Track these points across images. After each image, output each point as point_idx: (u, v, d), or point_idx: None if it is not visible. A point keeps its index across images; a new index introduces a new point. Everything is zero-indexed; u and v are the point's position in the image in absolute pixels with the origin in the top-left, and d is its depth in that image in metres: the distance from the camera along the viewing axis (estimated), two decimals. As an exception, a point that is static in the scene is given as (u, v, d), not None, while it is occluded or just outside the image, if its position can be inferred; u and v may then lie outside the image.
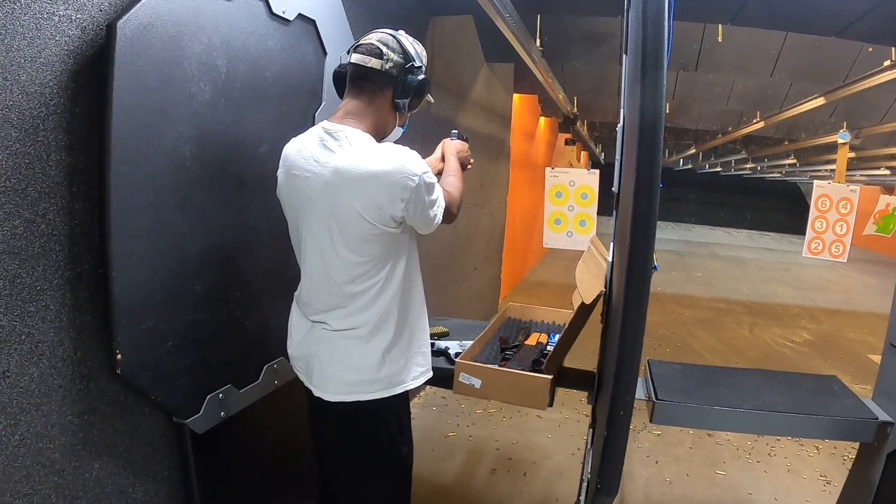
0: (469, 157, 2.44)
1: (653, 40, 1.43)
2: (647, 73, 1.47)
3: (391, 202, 1.81)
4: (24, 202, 1.52)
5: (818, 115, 7.15)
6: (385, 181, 1.80)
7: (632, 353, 1.60)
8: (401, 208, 1.83)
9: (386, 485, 2.10)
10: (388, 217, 1.84)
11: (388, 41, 1.91)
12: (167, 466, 2.10)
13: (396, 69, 1.92)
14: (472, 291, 6.63)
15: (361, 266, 1.90)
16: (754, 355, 7.22)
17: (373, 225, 1.84)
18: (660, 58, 1.44)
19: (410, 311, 2.05)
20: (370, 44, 1.90)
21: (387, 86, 1.93)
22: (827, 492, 3.87)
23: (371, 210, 1.82)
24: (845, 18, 3.94)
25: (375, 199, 1.80)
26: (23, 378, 1.55)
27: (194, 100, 1.92)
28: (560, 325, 3.20)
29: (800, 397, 2.51)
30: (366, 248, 1.88)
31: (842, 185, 7.04)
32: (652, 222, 1.52)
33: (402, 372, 2.02)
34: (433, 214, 1.94)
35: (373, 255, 1.89)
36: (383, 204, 1.81)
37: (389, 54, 1.90)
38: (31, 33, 1.48)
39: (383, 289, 1.94)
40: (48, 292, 1.61)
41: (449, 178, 2.21)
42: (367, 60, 1.89)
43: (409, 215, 1.87)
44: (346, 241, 1.87)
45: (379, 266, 1.92)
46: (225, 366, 2.20)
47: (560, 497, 3.67)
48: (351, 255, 1.89)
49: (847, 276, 14.62)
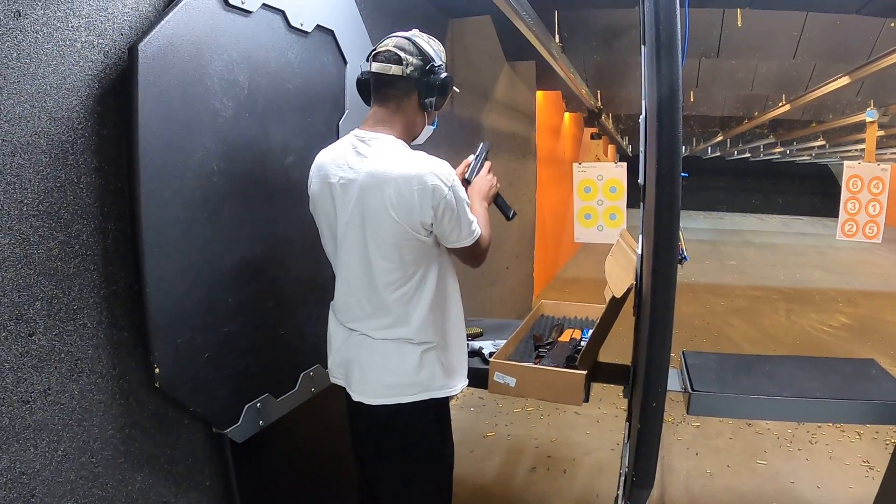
0: (493, 187, 2.32)
1: (666, 28, 1.44)
2: (662, 61, 1.47)
3: (422, 207, 1.82)
4: (58, 225, 1.56)
5: (844, 94, 7.05)
6: (416, 184, 1.81)
7: (662, 343, 1.59)
8: (430, 215, 1.84)
9: (428, 487, 2.11)
10: (419, 223, 1.85)
11: (404, 46, 1.92)
12: (208, 476, 2.13)
13: (418, 72, 1.93)
14: (506, 291, 6.63)
15: (395, 272, 1.91)
16: (792, 342, 7.14)
17: (405, 229, 1.85)
18: (674, 44, 1.44)
19: (447, 317, 2.06)
20: (388, 51, 1.91)
21: (411, 90, 1.95)
22: (870, 477, 3.82)
23: (402, 213, 1.83)
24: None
25: (407, 201, 1.82)
26: (64, 395, 1.59)
27: (218, 115, 1.95)
28: (593, 320, 3.18)
29: (838, 382, 2.49)
30: (398, 253, 1.89)
31: (872, 165, 6.92)
32: (675, 210, 1.52)
33: (441, 376, 2.03)
34: (466, 229, 1.93)
35: (405, 261, 1.90)
36: (414, 208, 1.82)
37: (409, 59, 1.91)
38: (55, 61, 1.52)
39: (418, 296, 1.95)
40: (85, 311, 1.65)
41: (484, 220, 2.13)
42: (388, 68, 1.91)
43: (437, 224, 1.88)
44: (379, 245, 1.89)
45: (411, 272, 1.93)
46: (262, 375, 2.22)
47: (601, 493, 3.66)
48: (384, 261, 1.90)
49: (883, 257, 14.38)
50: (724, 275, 12.02)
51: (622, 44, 5.68)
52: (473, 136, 5.16)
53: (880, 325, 8.05)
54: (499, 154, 5.97)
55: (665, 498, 3.60)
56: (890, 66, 4.83)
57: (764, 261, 14.20)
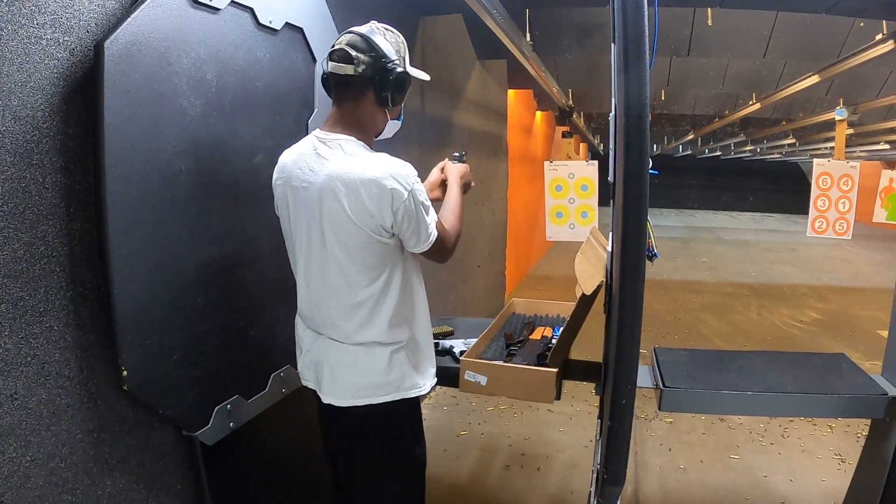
0: (471, 181, 2.36)
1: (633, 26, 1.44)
2: (630, 59, 1.47)
3: (381, 211, 1.82)
4: (23, 226, 1.53)
5: (814, 92, 7.13)
6: (374, 188, 1.80)
7: (631, 340, 1.60)
8: (390, 219, 1.84)
9: (401, 487, 2.12)
10: (379, 226, 1.84)
11: (356, 43, 1.89)
12: (179, 480, 2.11)
13: (370, 69, 1.90)
14: (478, 289, 6.63)
15: (359, 275, 1.91)
16: (763, 338, 7.22)
17: (366, 233, 1.84)
18: (641, 42, 1.45)
19: (415, 317, 2.06)
20: (341, 49, 1.89)
21: (366, 88, 1.92)
22: (842, 470, 3.88)
23: (363, 217, 1.82)
24: (834, -6, 3.93)
25: (366, 205, 1.81)
26: (31, 399, 1.56)
27: (186, 114, 1.93)
28: (565, 318, 3.19)
29: (809, 377, 2.51)
30: (361, 256, 1.89)
31: (842, 162, 6.99)
32: (643, 206, 1.52)
33: (411, 376, 2.03)
34: (423, 234, 1.92)
35: (368, 264, 1.90)
36: (374, 212, 1.82)
37: (360, 56, 1.88)
38: (19, 58, 1.49)
39: (384, 297, 1.95)
40: (51, 313, 1.62)
41: (447, 212, 2.15)
42: (341, 68, 1.89)
43: (398, 227, 1.87)
44: (342, 248, 1.88)
45: (376, 274, 1.92)
46: (232, 376, 2.21)
47: (575, 490, 3.68)
48: (347, 263, 1.90)
49: (853, 253, 14.59)
50: (696, 272, 12.12)
51: (593, 42, 5.70)
52: (444, 135, 5.16)
53: (850, 319, 8.16)
54: (470, 153, 5.96)
55: (639, 494, 3.62)
56: (859, 64, 4.90)
57: (735, 258, 14.34)
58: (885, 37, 4.36)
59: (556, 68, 7.00)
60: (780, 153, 18.59)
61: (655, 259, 2.00)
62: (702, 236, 18.76)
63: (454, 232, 2.08)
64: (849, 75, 5.98)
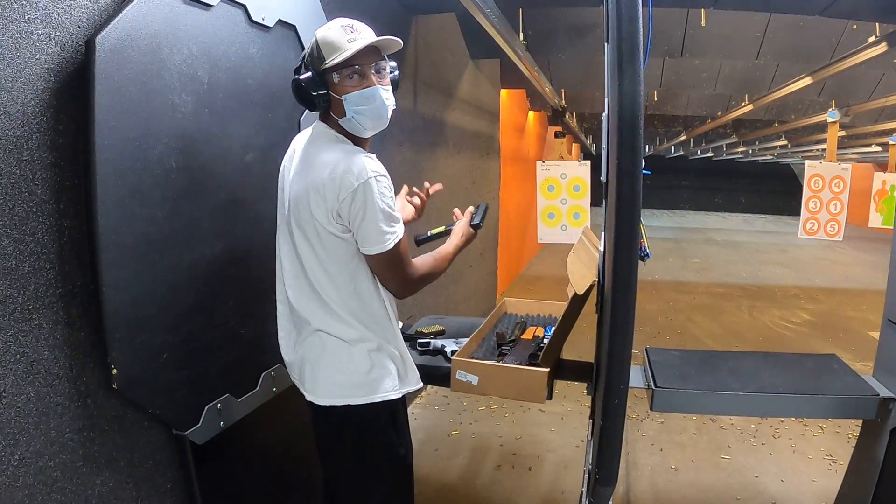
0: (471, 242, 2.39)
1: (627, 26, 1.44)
2: (624, 59, 1.47)
3: (333, 200, 1.81)
4: (12, 222, 1.52)
5: (806, 94, 7.17)
6: (327, 173, 1.81)
7: (623, 340, 1.60)
8: (335, 205, 1.81)
9: (386, 487, 2.09)
10: (330, 214, 1.83)
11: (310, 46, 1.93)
12: (170, 479, 2.10)
13: None
14: (469, 289, 6.63)
15: (328, 266, 1.91)
16: (754, 338, 7.23)
17: (321, 224, 1.85)
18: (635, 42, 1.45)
19: (391, 318, 2.05)
20: None
21: None
22: (833, 470, 3.88)
23: (318, 207, 1.83)
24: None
25: (322, 194, 1.81)
26: (19, 398, 1.55)
27: (177, 111, 1.92)
28: (556, 318, 3.18)
29: (800, 377, 2.52)
30: (323, 248, 1.89)
31: (833, 164, 7.04)
32: (636, 206, 1.52)
33: (392, 376, 2.02)
34: (373, 236, 1.86)
35: (331, 257, 1.90)
36: (327, 197, 1.81)
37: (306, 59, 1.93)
38: (10, 53, 1.48)
39: (355, 292, 1.95)
40: (41, 311, 1.61)
41: (433, 255, 2.13)
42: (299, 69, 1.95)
43: (348, 219, 1.84)
44: (308, 238, 1.89)
45: (343, 268, 1.92)
46: (222, 375, 2.20)
47: (566, 490, 3.67)
48: (312, 253, 1.90)
49: (844, 255, 14.62)
50: (688, 272, 12.14)
51: (587, 42, 5.71)
52: (437, 134, 5.15)
53: (841, 321, 8.18)
54: (462, 152, 5.97)
55: (630, 494, 3.62)
56: (851, 67, 4.92)
57: (727, 258, 14.37)
58: (878, 39, 4.38)
59: (549, 68, 7.01)
60: (772, 155, 18.67)
61: (647, 259, 2.00)
62: (693, 237, 18.80)
63: (423, 272, 2.05)
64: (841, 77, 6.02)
